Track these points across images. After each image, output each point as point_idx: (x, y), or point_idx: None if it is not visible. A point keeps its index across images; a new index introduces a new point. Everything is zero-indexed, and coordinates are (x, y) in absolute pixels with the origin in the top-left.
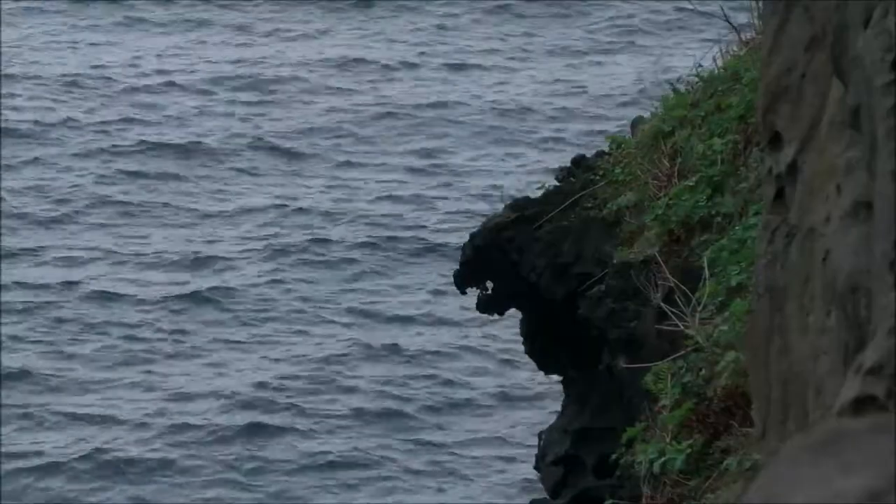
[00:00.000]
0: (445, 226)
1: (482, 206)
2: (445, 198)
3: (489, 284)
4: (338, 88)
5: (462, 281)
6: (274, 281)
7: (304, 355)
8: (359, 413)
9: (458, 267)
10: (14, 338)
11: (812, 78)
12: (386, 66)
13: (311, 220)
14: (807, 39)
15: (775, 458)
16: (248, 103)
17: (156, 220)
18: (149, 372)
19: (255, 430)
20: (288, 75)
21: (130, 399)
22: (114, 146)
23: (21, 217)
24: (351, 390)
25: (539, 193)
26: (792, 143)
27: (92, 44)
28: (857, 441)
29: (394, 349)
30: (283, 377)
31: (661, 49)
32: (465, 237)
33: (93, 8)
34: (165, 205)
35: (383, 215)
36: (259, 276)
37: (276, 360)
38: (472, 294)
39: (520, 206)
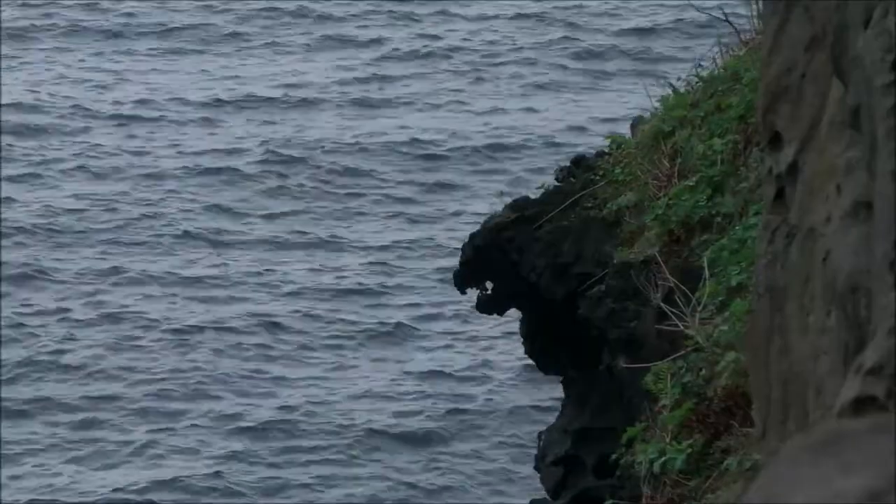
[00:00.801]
0: (444, 244)
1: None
2: (445, 217)
3: (489, 284)
4: (339, 106)
5: (462, 281)
6: (286, 301)
7: (308, 375)
8: (364, 430)
9: (458, 267)
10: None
11: (812, 78)
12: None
13: (314, 238)
14: (807, 39)
15: (775, 458)
16: (250, 121)
17: (171, 243)
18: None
19: (258, 448)
20: (288, 93)
21: (138, 423)
22: (118, 163)
23: (23, 234)
24: (357, 407)
25: (539, 193)
26: (792, 143)
27: (93, 64)
28: (857, 441)
29: (397, 363)
30: (286, 398)
31: (658, 50)
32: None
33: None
34: (180, 227)
35: (383, 234)
36: (273, 300)
37: (281, 381)
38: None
39: (520, 206)
